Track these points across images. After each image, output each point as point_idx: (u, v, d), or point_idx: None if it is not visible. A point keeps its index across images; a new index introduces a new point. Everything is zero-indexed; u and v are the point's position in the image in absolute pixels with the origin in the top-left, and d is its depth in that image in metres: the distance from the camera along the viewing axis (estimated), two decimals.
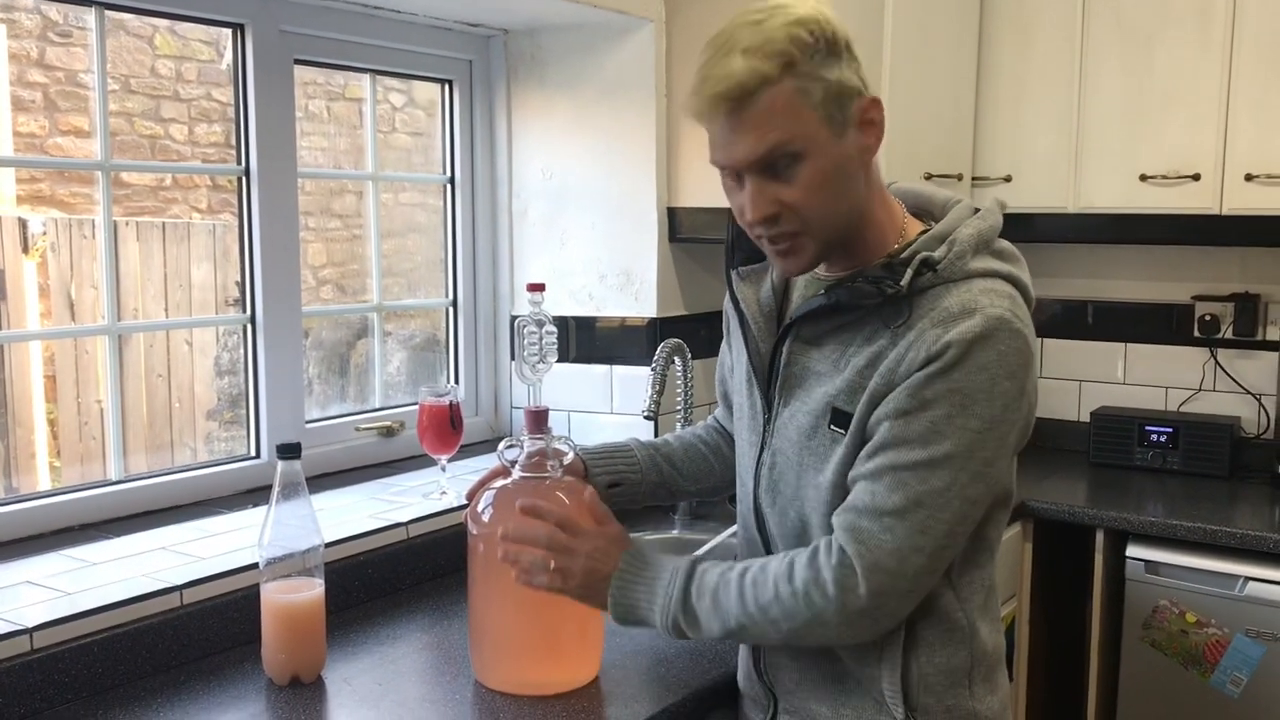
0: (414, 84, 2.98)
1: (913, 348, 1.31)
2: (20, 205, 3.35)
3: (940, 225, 1.39)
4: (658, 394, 2.34)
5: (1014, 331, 1.32)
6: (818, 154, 1.31)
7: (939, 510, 1.31)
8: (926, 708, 1.42)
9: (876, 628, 1.36)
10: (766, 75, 1.27)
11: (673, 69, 2.57)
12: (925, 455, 1.30)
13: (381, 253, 2.62)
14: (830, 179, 1.32)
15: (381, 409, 2.59)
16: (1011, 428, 1.34)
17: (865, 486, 1.34)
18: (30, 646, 1.51)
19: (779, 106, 1.28)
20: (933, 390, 1.30)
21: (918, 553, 1.31)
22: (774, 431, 1.47)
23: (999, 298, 1.34)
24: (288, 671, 1.61)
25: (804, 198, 1.32)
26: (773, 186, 1.32)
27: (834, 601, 1.33)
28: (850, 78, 1.31)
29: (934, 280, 1.34)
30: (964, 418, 1.30)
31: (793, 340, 1.44)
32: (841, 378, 1.38)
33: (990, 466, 1.33)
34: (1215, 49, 2.75)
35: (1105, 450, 3.09)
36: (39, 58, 3.31)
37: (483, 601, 1.59)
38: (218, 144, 3.60)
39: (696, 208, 2.57)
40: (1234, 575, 2.51)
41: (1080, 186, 2.95)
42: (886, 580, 1.32)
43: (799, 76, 1.28)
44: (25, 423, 3.18)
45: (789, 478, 1.45)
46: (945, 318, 1.31)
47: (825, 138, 1.31)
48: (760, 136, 1.29)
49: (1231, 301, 3.07)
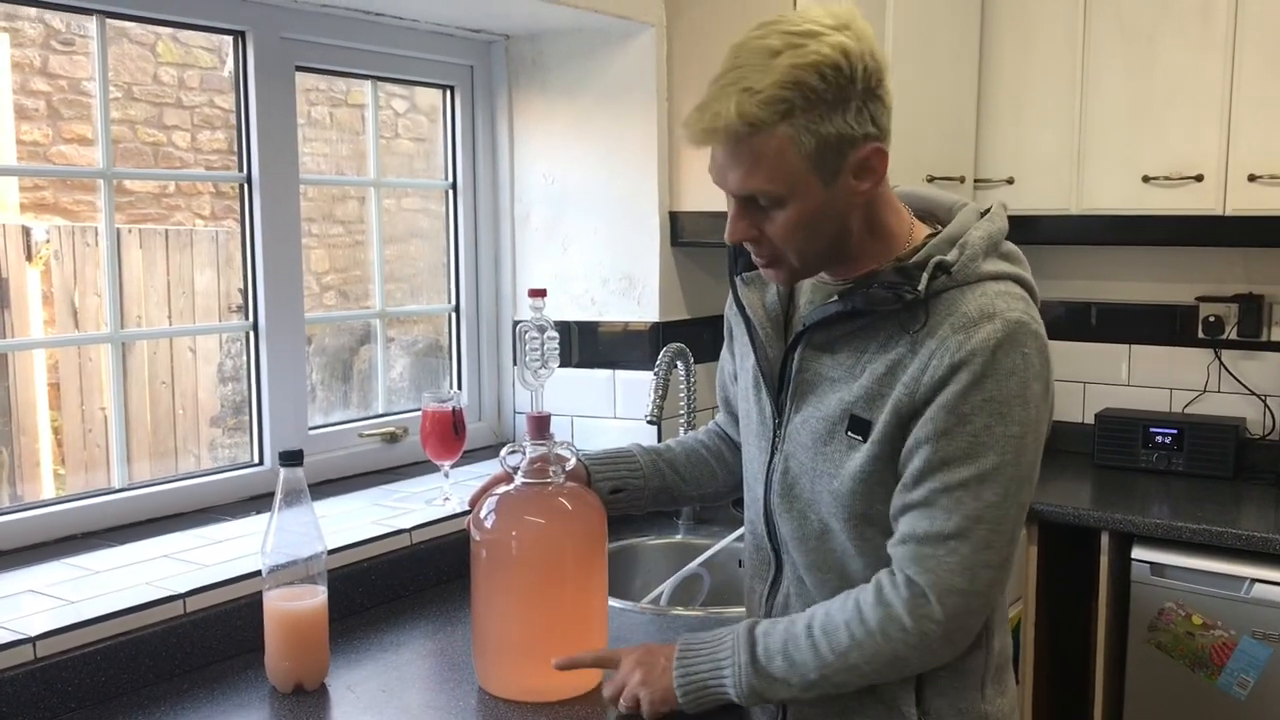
0: (416, 90, 2.99)
1: (935, 355, 1.32)
2: (24, 213, 3.36)
3: (950, 228, 1.39)
4: (660, 398, 2.34)
5: (1033, 333, 1.33)
6: (800, 200, 1.31)
7: (998, 523, 1.32)
8: (939, 711, 1.42)
9: (956, 649, 1.37)
10: (760, 122, 1.26)
11: (674, 73, 2.57)
12: (974, 471, 1.31)
13: (384, 258, 2.62)
14: (809, 223, 1.33)
15: (384, 415, 2.59)
16: (1043, 425, 1.37)
17: (921, 514, 1.34)
18: (33, 655, 1.51)
19: (769, 152, 1.28)
20: (969, 404, 1.30)
21: (986, 568, 1.33)
22: (785, 437, 1.47)
23: (1014, 300, 1.35)
24: (291, 679, 1.61)
25: (780, 235, 1.35)
26: (754, 215, 1.35)
27: (913, 634, 1.34)
28: (853, 126, 1.28)
29: (948, 284, 1.34)
30: (1004, 426, 1.31)
31: (804, 347, 1.44)
32: (859, 384, 1.38)
33: (1034, 469, 1.36)
34: (1217, 49, 2.74)
35: (1110, 452, 3.08)
36: (42, 66, 3.32)
37: (486, 608, 1.59)
38: (220, 151, 3.61)
39: (698, 211, 2.57)
40: (1240, 577, 2.50)
41: (1083, 188, 2.95)
42: (960, 601, 1.33)
43: (795, 126, 1.26)
44: (29, 430, 3.18)
45: (804, 483, 1.45)
46: (965, 323, 1.32)
47: (811, 185, 1.30)
48: (747, 175, 1.30)
49: (1235, 302, 3.06)
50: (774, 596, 1.54)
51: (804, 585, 1.50)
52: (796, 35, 1.27)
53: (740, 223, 1.36)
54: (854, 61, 1.27)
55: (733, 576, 2.34)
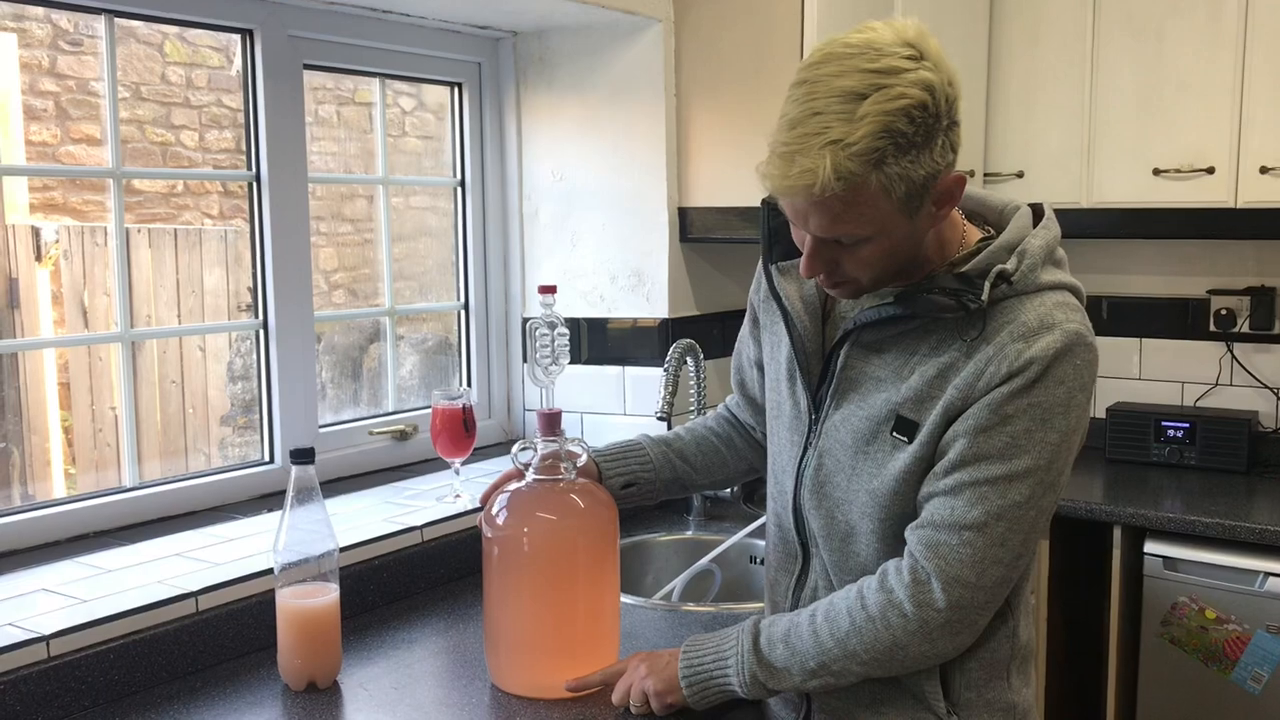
0: (424, 87, 2.99)
1: (993, 362, 1.32)
2: (34, 213, 3.36)
3: (1007, 234, 1.38)
4: (671, 395, 2.33)
5: (1088, 345, 1.34)
6: (886, 237, 1.30)
7: (1017, 523, 1.33)
8: (968, 702, 1.43)
9: (957, 641, 1.37)
10: (854, 176, 1.21)
11: (682, 69, 2.57)
12: (1005, 470, 1.31)
13: (393, 256, 2.62)
14: (890, 254, 1.32)
15: (395, 413, 2.59)
16: (1081, 436, 1.38)
17: (943, 502, 1.34)
18: (47, 654, 1.51)
19: (860, 201, 1.24)
20: (1014, 406, 1.31)
21: (997, 564, 1.33)
22: (822, 433, 1.46)
23: (1072, 311, 1.35)
24: (304, 677, 1.61)
25: (860, 268, 1.33)
26: (834, 250, 1.32)
27: (913, 620, 1.34)
28: (938, 162, 1.25)
29: (1008, 293, 1.34)
30: (1043, 431, 1.31)
31: (852, 345, 1.43)
32: (907, 385, 1.37)
33: (1063, 475, 1.36)
34: (1228, 40, 2.73)
35: (1122, 446, 3.07)
36: (50, 66, 3.32)
37: (498, 604, 1.59)
38: (229, 150, 3.62)
39: (707, 207, 2.57)
40: (1253, 571, 2.49)
41: (1093, 181, 2.94)
42: (965, 593, 1.33)
43: (887, 174, 1.22)
44: (40, 430, 3.19)
45: (838, 480, 1.44)
46: (1025, 332, 1.32)
47: (898, 222, 1.28)
48: (833, 220, 1.27)
49: (1247, 295, 3.05)
50: (800, 589, 1.54)
51: (831, 584, 1.50)
52: (877, 74, 1.21)
53: (816, 259, 1.33)
54: (938, 97, 1.23)
55: (744, 573, 2.34)
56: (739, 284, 2.84)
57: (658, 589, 2.25)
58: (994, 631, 1.42)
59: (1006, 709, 1.45)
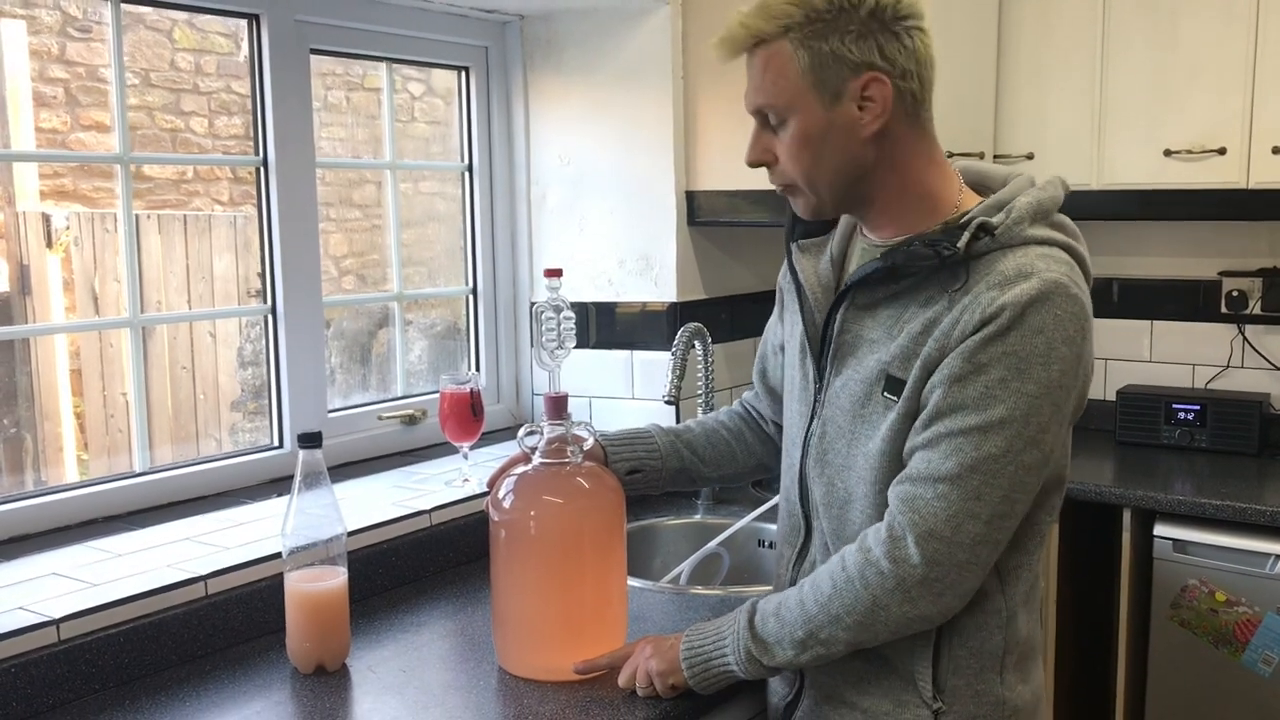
0: (432, 73, 2.98)
1: (967, 310, 1.31)
2: (44, 200, 3.38)
3: (999, 194, 1.39)
4: (678, 379, 2.33)
5: (1071, 296, 1.31)
6: (801, 118, 1.36)
7: (994, 476, 1.30)
8: (955, 690, 1.40)
9: (941, 603, 1.34)
10: (761, 33, 1.35)
11: (689, 52, 2.56)
12: (980, 420, 1.29)
13: (402, 242, 2.62)
14: (811, 143, 1.37)
15: (403, 397, 2.60)
16: (1067, 395, 1.33)
17: (921, 456, 1.33)
18: (57, 637, 1.52)
19: (771, 66, 1.36)
20: (988, 354, 1.29)
21: (973, 519, 1.30)
22: (825, 401, 1.46)
23: (1056, 263, 1.33)
24: (313, 660, 1.62)
25: (785, 155, 1.40)
26: (767, 136, 1.42)
27: (890, 577, 1.32)
28: (851, 50, 1.32)
29: (990, 245, 1.33)
30: (1020, 381, 1.29)
31: (847, 308, 1.44)
32: (896, 344, 1.37)
33: (1045, 433, 1.31)
34: (1240, 20, 2.71)
35: (1132, 429, 3.06)
36: (60, 54, 3.33)
37: (505, 588, 1.59)
38: (238, 136, 3.62)
39: (715, 191, 2.56)
40: (1264, 553, 2.48)
41: (1104, 163, 2.92)
42: (942, 548, 1.31)
43: (792, 41, 1.34)
44: (52, 416, 3.21)
45: (839, 447, 1.44)
46: (1001, 281, 1.31)
47: (810, 103, 1.35)
48: (756, 90, 1.39)
49: (1259, 277, 3.03)
50: (801, 562, 1.54)
51: (829, 554, 1.49)
52: None
53: (755, 144, 1.43)
54: None
55: (752, 556, 2.34)
56: (747, 267, 2.83)
57: (666, 572, 2.25)
58: (986, 620, 1.39)
59: (996, 703, 1.41)
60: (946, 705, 1.40)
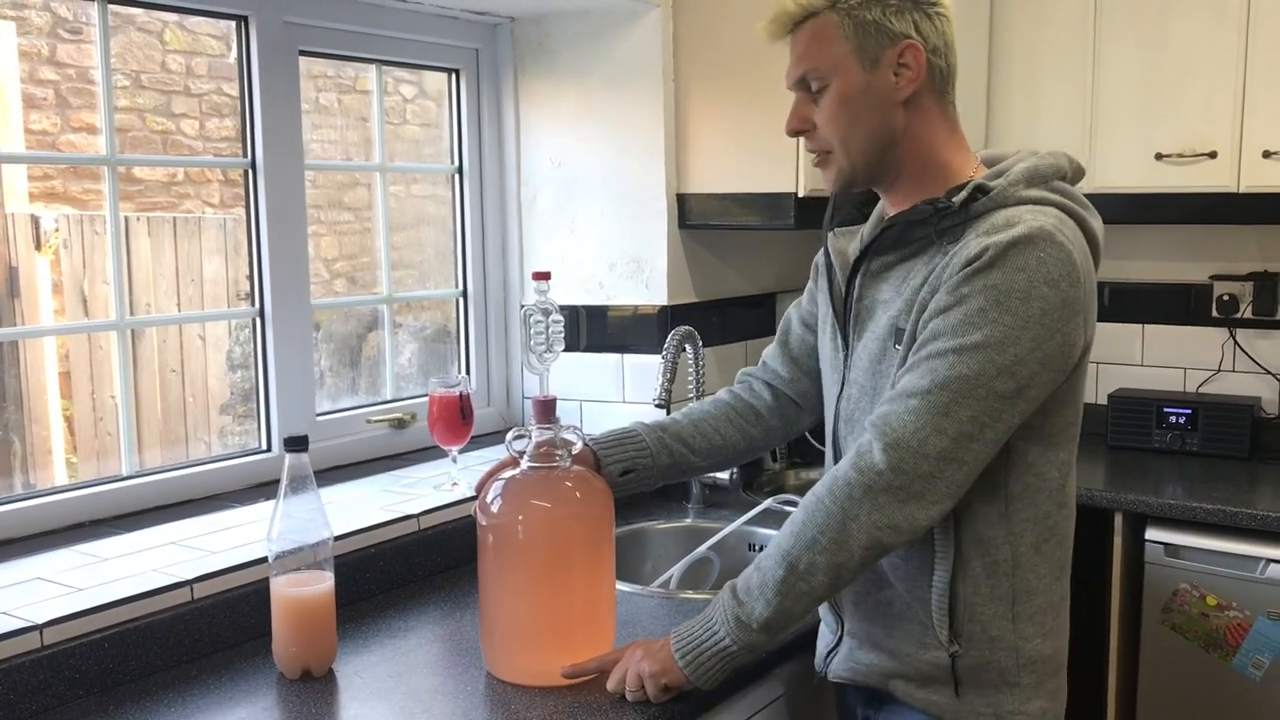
0: (424, 75, 2.97)
1: (956, 255, 1.39)
2: (34, 202, 3.36)
3: (1002, 164, 1.48)
4: (669, 382, 2.33)
5: (1056, 243, 1.36)
6: (842, 82, 1.45)
7: (963, 395, 1.35)
8: (970, 635, 1.46)
9: (904, 510, 1.36)
10: (811, 7, 1.46)
11: (680, 55, 2.55)
12: (955, 343, 1.36)
13: (392, 244, 2.61)
14: (850, 105, 1.46)
15: (393, 401, 2.59)
16: (1049, 335, 1.36)
17: (901, 380, 1.41)
18: (41, 643, 1.51)
19: (818, 35, 1.46)
20: (970, 286, 1.36)
21: (939, 434, 1.35)
22: (851, 365, 1.55)
23: (1046, 216, 1.39)
24: (299, 665, 1.61)
25: (825, 119, 1.48)
26: (807, 105, 1.50)
27: (857, 485, 1.37)
28: (893, 22, 1.43)
29: (987, 204, 1.41)
30: (997, 312, 1.35)
31: (863, 275, 1.53)
32: (902, 299, 1.46)
33: (1021, 365, 1.35)
34: (1230, 24, 2.71)
35: (1123, 433, 3.06)
36: (50, 55, 3.32)
37: (493, 593, 1.58)
38: (229, 138, 3.61)
39: (706, 194, 2.55)
40: (1255, 557, 2.48)
41: (1095, 166, 2.91)
42: (905, 456, 1.36)
43: (838, 11, 1.44)
44: (41, 419, 3.19)
45: (864, 405, 1.52)
46: (989, 229, 1.39)
47: (852, 69, 1.45)
48: (800, 59, 1.49)
49: (1250, 281, 3.03)
50: None
51: None
52: None
53: (795, 113, 1.51)
54: None
55: (743, 560, 2.33)
56: (738, 271, 2.83)
57: (656, 577, 2.24)
58: (994, 567, 1.44)
59: (1010, 650, 1.46)
60: (963, 649, 1.46)
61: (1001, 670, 1.47)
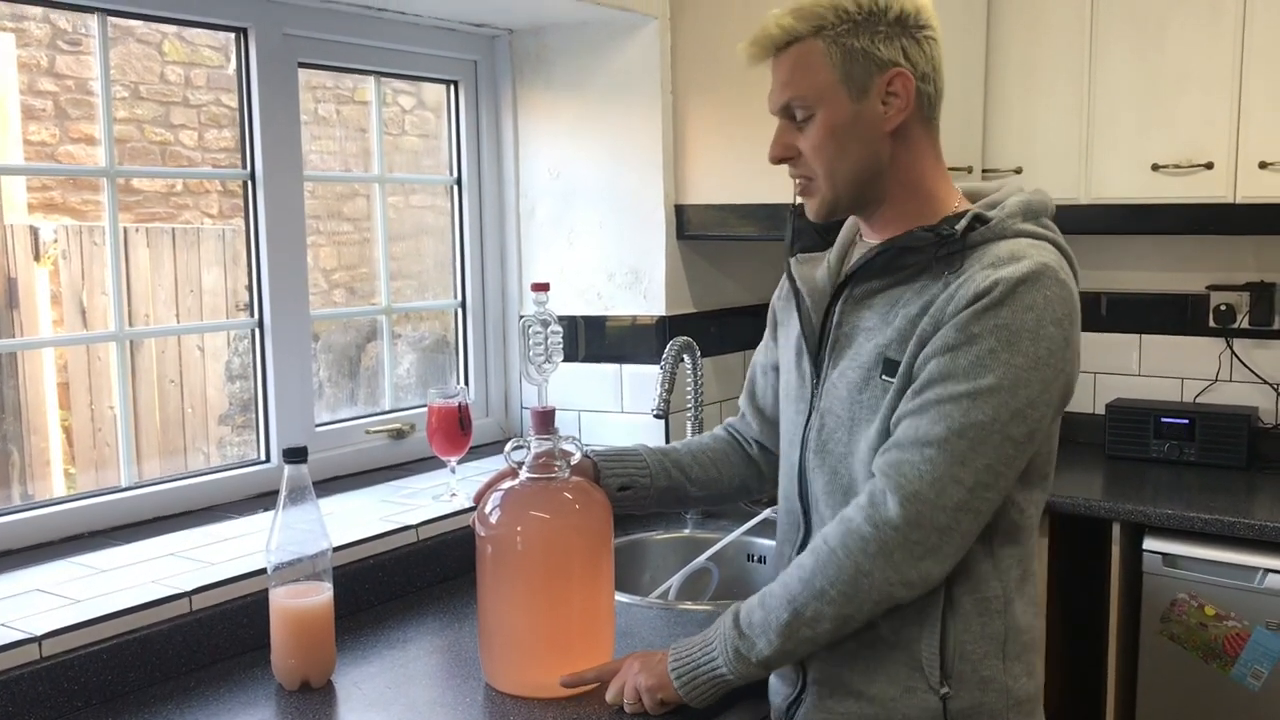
0: (423, 86, 2.98)
1: (962, 287, 1.36)
2: (33, 213, 3.37)
3: (992, 196, 1.47)
4: (667, 392, 2.33)
5: (1060, 281, 1.37)
6: (830, 111, 1.42)
7: (980, 443, 1.33)
8: (961, 675, 1.42)
9: (921, 568, 1.35)
10: (795, 32, 1.42)
11: (678, 66, 2.56)
12: (969, 387, 1.33)
13: (390, 255, 2.61)
14: (837, 135, 1.42)
15: (392, 411, 2.59)
16: (1055, 376, 1.37)
17: (909, 422, 1.37)
18: (39, 654, 1.51)
19: (802, 63, 1.42)
20: (980, 325, 1.34)
21: (957, 484, 1.33)
22: (822, 394, 1.50)
23: (1046, 252, 1.40)
24: (297, 676, 1.61)
25: (810, 149, 1.44)
26: (791, 133, 1.46)
27: (871, 540, 1.35)
28: (882, 50, 1.40)
29: (985, 235, 1.40)
30: (1009, 353, 1.33)
31: (845, 300, 1.49)
32: (892, 328, 1.42)
33: (1032, 408, 1.35)
34: (1226, 35, 2.72)
35: (1121, 442, 3.06)
36: (49, 66, 3.33)
37: (492, 604, 1.58)
38: (227, 149, 3.62)
39: (704, 205, 2.56)
40: (1253, 567, 2.48)
41: (1092, 177, 2.93)
42: (923, 509, 1.33)
43: (825, 39, 1.40)
44: (40, 430, 3.19)
45: (839, 435, 1.47)
46: (994, 262, 1.37)
47: (839, 98, 1.41)
48: (784, 86, 1.45)
49: (1247, 291, 3.04)
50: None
51: None
52: None
53: (778, 140, 1.48)
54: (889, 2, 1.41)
55: (741, 571, 2.33)
56: (736, 281, 2.83)
57: (654, 587, 2.24)
58: (987, 607, 1.42)
59: (1001, 691, 1.43)
60: (954, 690, 1.41)
61: (992, 712, 1.43)
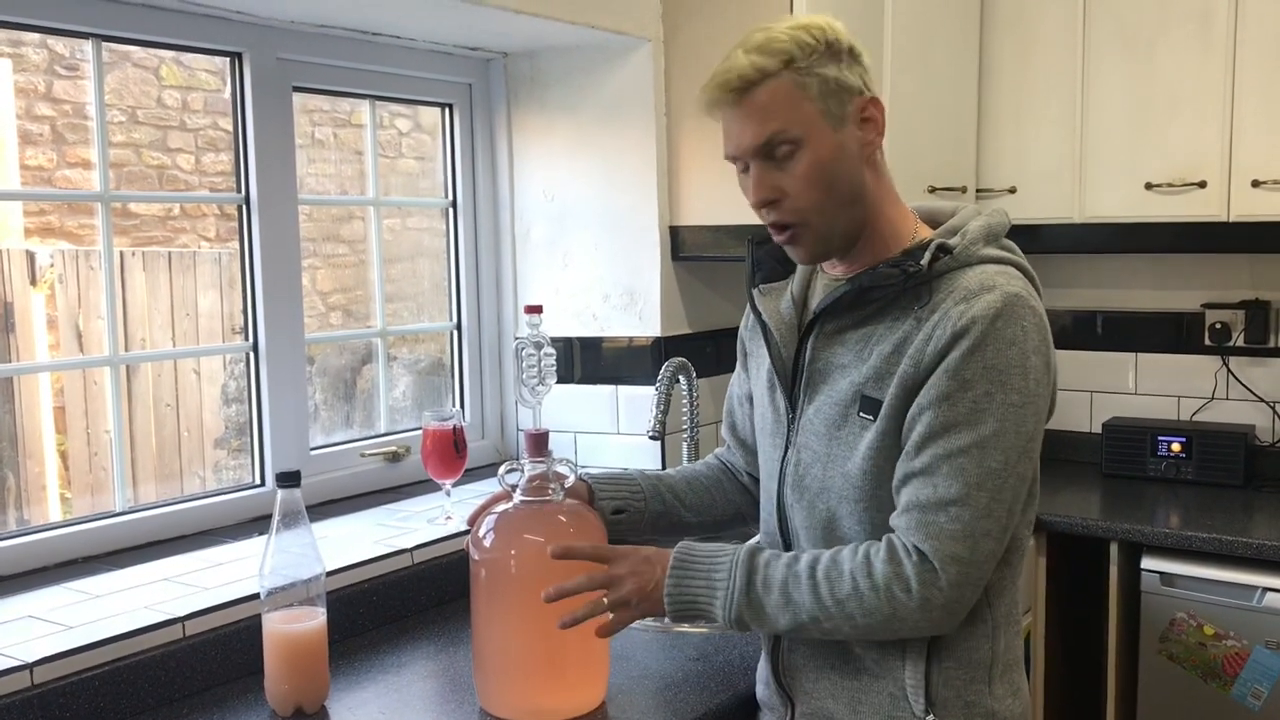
0: (420, 109, 2.99)
1: (938, 326, 1.36)
2: (30, 238, 3.37)
3: (950, 222, 1.47)
4: (663, 413, 2.33)
5: (1030, 308, 1.38)
6: (815, 143, 1.39)
7: (999, 491, 1.35)
8: (946, 702, 1.43)
9: (951, 622, 1.38)
10: (766, 69, 1.38)
11: (672, 88, 2.57)
12: (974, 437, 1.34)
13: (386, 278, 2.61)
14: (827, 168, 1.40)
15: (387, 434, 2.59)
16: (1044, 403, 1.39)
17: (923, 483, 1.36)
18: (30, 682, 1.50)
19: (779, 97, 1.38)
20: (970, 370, 1.34)
21: (987, 536, 1.35)
22: (799, 429, 1.50)
23: (1012, 279, 1.40)
24: (291, 702, 1.60)
25: (801, 186, 1.41)
26: (774, 174, 1.41)
27: (916, 598, 1.35)
28: (849, 77, 1.41)
29: (950, 264, 1.40)
30: (1003, 394, 1.34)
31: (816, 337, 1.49)
32: (868, 365, 1.42)
33: (1032, 441, 1.38)
34: (1218, 54, 2.73)
35: (1118, 461, 3.06)
36: (46, 91, 3.33)
37: (486, 628, 1.58)
38: (224, 173, 3.61)
39: (698, 226, 2.56)
40: (1251, 586, 2.47)
41: (1085, 197, 2.94)
42: (963, 570, 1.35)
43: (797, 72, 1.38)
44: (35, 455, 3.18)
45: (815, 471, 1.47)
46: (965, 295, 1.37)
47: (823, 129, 1.39)
48: (762, 123, 1.39)
49: (1242, 309, 3.04)
50: None
51: None
52: (780, 19, 1.45)
53: (761, 183, 1.42)
54: (837, 30, 1.42)
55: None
56: (731, 302, 2.83)
57: None
58: (975, 631, 1.43)
59: (986, 715, 1.44)
60: (939, 717, 1.42)
61: None
